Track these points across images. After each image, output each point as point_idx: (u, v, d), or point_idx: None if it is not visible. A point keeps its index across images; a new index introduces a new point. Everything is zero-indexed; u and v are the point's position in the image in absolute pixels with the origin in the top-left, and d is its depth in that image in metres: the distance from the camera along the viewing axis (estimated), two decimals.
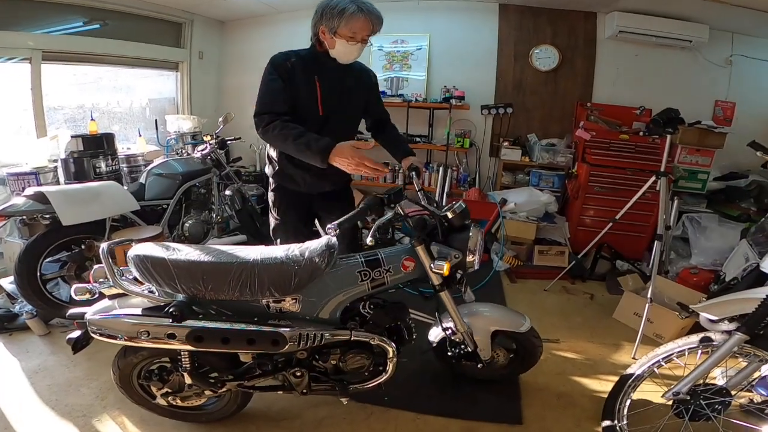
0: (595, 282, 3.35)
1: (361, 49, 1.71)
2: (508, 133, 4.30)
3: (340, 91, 1.80)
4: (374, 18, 1.64)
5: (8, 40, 3.10)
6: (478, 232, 1.63)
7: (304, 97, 1.73)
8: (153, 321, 1.47)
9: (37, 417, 1.83)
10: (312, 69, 1.73)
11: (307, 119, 1.72)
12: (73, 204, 2.67)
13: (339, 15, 1.58)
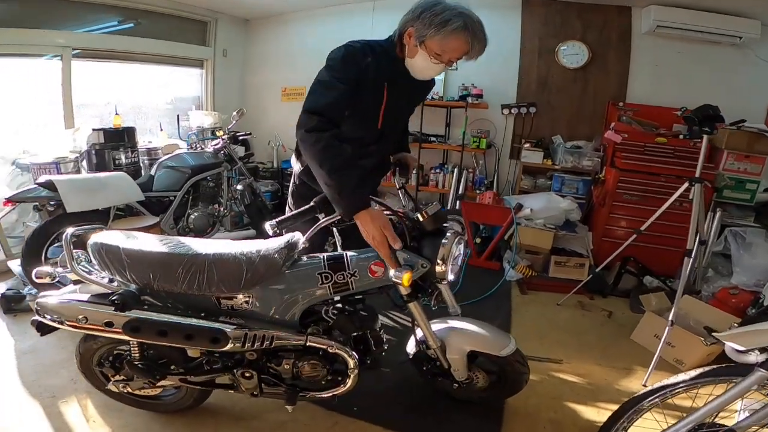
0: (617, 299, 3.03)
1: (442, 70, 1.48)
2: (530, 134, 4.04)
3: (403, 105, 1.63)
4: (477, 43, 1.37)
5: (41, 38, 3.29)
6: (454, 239, 1.42)
7: (367, 106, 1.49)
8: (95, 308, 1.43)
9: (8, 394, 1.87)
10: (385, 74, 1.46)
11: (361, 129, 1.54)
12: (78, 192, 2.76)
13: (439, 25, 1.32)
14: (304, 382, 1.57)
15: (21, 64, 3.48)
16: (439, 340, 1.55)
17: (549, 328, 2.58)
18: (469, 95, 3.78)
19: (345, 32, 4.33)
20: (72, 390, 1.87)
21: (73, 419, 1.72)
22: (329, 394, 1.54)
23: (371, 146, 1.63)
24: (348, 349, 1.51)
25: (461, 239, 1.48)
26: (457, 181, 3.98)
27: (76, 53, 3.69)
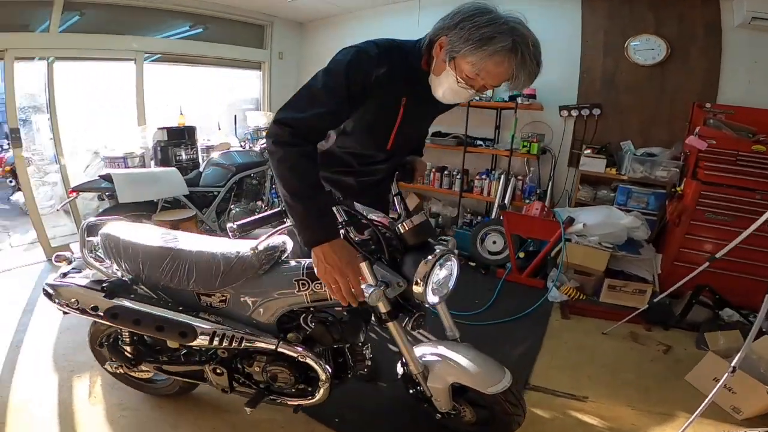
0: (682, 332, 2.53)
1: (470, 97, 1.21)
2: (593, 138, 3.58)
3: (419, 120, 1.39)
4: (524, 72, 1.09)
5: (118, 44, 3.68)
6: (436, 259, 1.23)
7: (375, 124, 1.28)
8: (87, 293, 1.50)
9: (37, 363, 2.07)
10: (403, 89, 1.22)
11: (367, 148, 1.36)
12: (131, 185, 3.01)
13: (478, 42, 1.03)
14: (275, 387, 1.50)
15: (106, 67, 3.95)
16: (423, 365, 1.37)
17: (585, 359, 2.23)
18: (519, 95, 3.46)
19: (393, 31, 4.22)
20: (89, 368, 2.01)
21: (79, 393, 1.85)
22: (295, 403, 1.46)
23: (378, 165, 1.44)
24: (321, 361, 1.42)
25: (448, 259, 1.29)
26: (504, 188, 3.67)
27: (156, 57, 4.09)
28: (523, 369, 2.06)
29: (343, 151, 1.40)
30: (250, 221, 1.32)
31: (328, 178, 1.49)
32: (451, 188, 3.97)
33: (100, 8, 3.51)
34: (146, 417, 1.73)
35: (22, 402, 1.81)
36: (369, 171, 1.46)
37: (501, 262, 3.35)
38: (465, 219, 3.98)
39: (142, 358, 1.59)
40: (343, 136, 1.33)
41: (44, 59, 3.39)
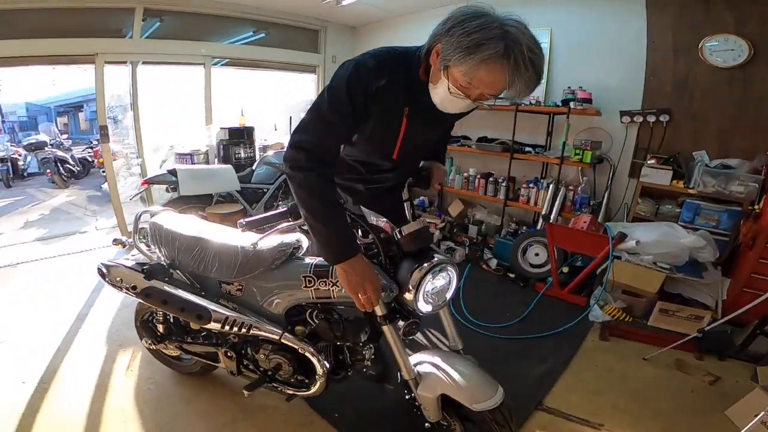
0: (740, 364, 2.22)
1: (468, 107, 1.15)
2: (660, 147, 3.26)
3: (425, 130, 1.32)
4: (520, 79, 0.98)
5: (188, 49, 4.08)
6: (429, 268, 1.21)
7: (380, 134, 1.26)
8: (130, 273, 1.69)
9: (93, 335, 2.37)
10: (405, 96, 1.19)
11: (374, 158, 1.36)
12: (191, 179, 3.33)
13: (468, 49, 0.97)
14: (276, 375, 1.58)
15: (181, 70, 4.39)
16: (416, 372, 1.36)
17: (614, 384, 2.04)
18: (572, 99, 3.24)
19: None
20: (134, 343, 2.24)
21: (119, 365, 2.09)
22: (291, 392, 1.53)
23: (385, 174, 1.43)
24: (320, 356, 1.47)
25: (444, 270, 1.27)
26: (552, 198, 3.46)
27: (225, 62, 4.48)
28: (541, 388, 1.94)
29: (351, 159, 1.41)
30: (257, 219, 1.40)
31: (340, 185, 1.50)
32: (496, 196, 3.83)
33: (176, 15, 3.92)
34: (167, 391, 1.91)
35: (69, 369, 2.09)
36: (378, 179, 1.47)
37: (542, 276, 3.17)
38: (509, 228, 3.82)
39: (169, 336, 1.76)
40: (350, 146, 1.33)
41: (129, 63, 3.86)
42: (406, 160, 1.39)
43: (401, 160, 1.35)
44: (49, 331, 2.41)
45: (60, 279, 3.15)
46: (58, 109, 17.72)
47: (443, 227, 3.86)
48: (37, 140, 8.42)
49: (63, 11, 3.37)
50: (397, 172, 1.43)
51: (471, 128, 4.22)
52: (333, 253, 1.18)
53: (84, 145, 10.08)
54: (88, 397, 1.85)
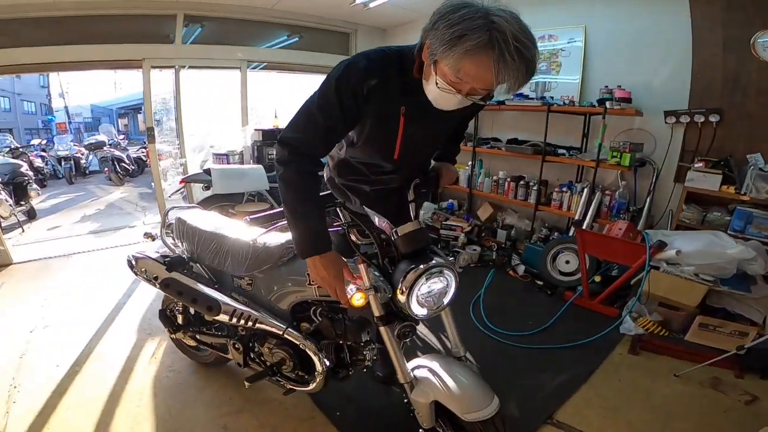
0: None
1: (461, 103, 1.08)
2: (710, 149, 3.00)
3: (426, 129, 1.28)
4: (507, 70, 0.92)
5: (226, 53, 4.27)
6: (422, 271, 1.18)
7: (379, 133, 1.24)
8: (154, 264, 1.79)
9: (125, 324, 2.53)
10: (401, 96, 1.17)
11: (375, 159, 1.34)
12: (224, 179, 3.48)
13: (450, 42, 0.93)
14: (279, 369, 1.60)
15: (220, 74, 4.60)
16: (412, 376, 1.33)
17: (635, 401, 1.88)
18: (609, 99, 3.06)
19: None
20: (162, 333, 2.34)
21: (145, 353, 2.22)
22: (290, 386, 1.55)
23: (388, 175, 1.41)
24: (321, 353, 1.48)
25: (440, 273, 1.23)
26: (586, 203, 3.28)
27: (262, 66, 4.64)
28: (554, 401, 1.84)
29: (355, 161, 1.42)
30: (260, 216, 1.44)
31: (346, 185, 1.52)
32: (527, 200, 3.69)
33: (215, 21, 4.12)
34: (183, 379, 2.01)
35: (101, 353, 2.24)
36: (381, 180, 1.45)
37: (572, 285, 3.01)
38: (540, 234, 3.67)
39: (185, 326, 1.84)
40: (352, 147, 1.34)
41: (173, 67, 4.10)
42: (409, 160, 1.35)
43: (403, 161, 1.32)
44: (88, 318, 2.60)
45: (106, 270, 3.40)
46: (119, 111, 19.18)
47: (470, 231, 3.76)
48: (96, 140, 9.15)
49: (114, 18, 3.64)
50: (400, 172, 1.41)
51: (501, 130, 4.10)
52: (301, 247, 1.21)
53: (139, 145, 10.83)
54: (111, 381, 1.98)
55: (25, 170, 5.44)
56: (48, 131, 16.62)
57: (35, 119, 18.42)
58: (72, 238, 4.51)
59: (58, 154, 8.92)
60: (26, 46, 3.39)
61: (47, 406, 1.81)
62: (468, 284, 3.10)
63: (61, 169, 8.66)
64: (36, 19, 3.38)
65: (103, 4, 3.50)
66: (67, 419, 1.74)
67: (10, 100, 17.04)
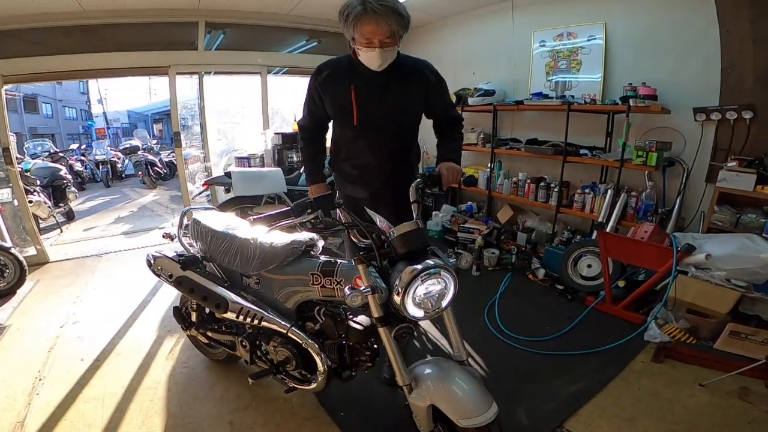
0: None
1: (383, 54, 1.50)
2: (744, 148, 2.83)
3: (379, 98, 1.64)
4: (383, 19, 1.40)
5: (246, 59, 4.39)
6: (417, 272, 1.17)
7: (340, 107, 1.68)
8: (170, 263, 1.86)
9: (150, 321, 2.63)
10: (347, 77, 1.62)
11: (343, 129, 1.78)
12: (244, 181, 3.57)
13: (346, 21, 1.45)
14: (283, 367, 1.62)
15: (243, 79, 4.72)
16: (412, 379, 1.31)
17: (655, 411, 1.77)
18: (633, 96, 2.93)
19: (489, 32, 4.09)
20: (180, 330, 2.40)
21: (164, 350, 2.30)
22: (292, 385, 1.57)
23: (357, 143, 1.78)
24: (322, 353, 1.48)
25: (437, 274, 1.21)
26: (610, 205, 3.15)
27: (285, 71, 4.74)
28: (567, 409, 1.76)
29: (337, 137, 1.86)
30: (264, 216, 1.46)
31: (338, 168, 1.92)
32: (548, 202, 3.59)
33: (236, 28, 4.24)
34: (196, 374, 2.06)
35: (123, 348, 2.34)
36: (354, 153, 1.81)
37: (594, 290, 2.90)
38: (562, 237, 3.55)
39: (197, 324, 1.90)
40: (333, 124, 1.84)
41: (197, 73, 4.24)
42: (369, 126, 1.70)
43: (363, 126, 1.69)
44: (115, 315, 2.72)
45: (134, 269, 3.54)
46: (154, 117, 20.01)
47: (488, 233, 3.69)
48: (131, 145, 9.60)
49: (141, 27, 3.81)
50: (364, 138, 1.74)
51: (520, 130, 4.01)
52: (307, 178, 1.89)
53: (171, 149, 11.27)
54: (129, 376, 2.06)
55: (64, 174, 5.76)
56: (88, 136, 17.57)
57: (76, 125, 19.51)
58: (105, 239, 4.74)
59: (96, 158, 9.42)
60: (59, 53, 3.59)
61: (67, 398, 1.90)
62: (486, 288, 3.04)
63: (99, 173, 9.13)
64: (68, 28, 3.57)
65: (129, 13, 3.67)
66: (84, 412, 1.81)
67: (52, 107, 18.13)
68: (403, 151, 1.85)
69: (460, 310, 2.67)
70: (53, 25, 3.51)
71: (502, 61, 4.05)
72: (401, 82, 1.64)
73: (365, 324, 1.45)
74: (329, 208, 1.57)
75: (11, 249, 3.14)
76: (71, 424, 1.75)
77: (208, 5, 3.81)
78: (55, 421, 1.76)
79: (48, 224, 5.05)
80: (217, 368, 2.09)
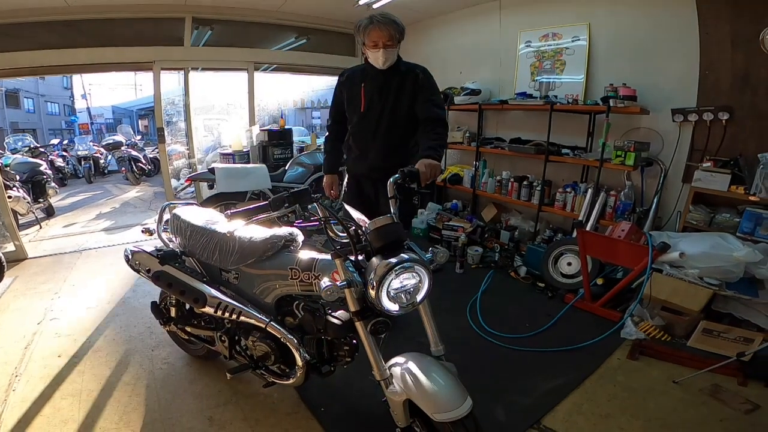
0: None
1: (386, 53, 1.96)
2: (720, 149, 2.91)
3: (381, 93, 2.08)
4: (385, 27, 1.92)
5: (233, 55, 4.36)
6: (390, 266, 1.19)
7: (353, 99, 2.16)
8: (147, 258, 1.84)
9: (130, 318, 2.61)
10: (361, 77, 2.12)
11: (353, 116, 2.19)
12: (227, 177, 3.54)
13: (359, 31, 1.99)
14: (261, 362, 1.62)
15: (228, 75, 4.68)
16: (388, 373, 1.32)
17: (630, 408, 1.82)
18: (613, 97, 2.99)
19: (477, 32, 4.13)
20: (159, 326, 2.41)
21: (143, 346, 2.29)
22: (271, 380, 1.57)
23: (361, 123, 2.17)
24: (301, 348, 1.49)
25: (410, 269, 1.23)
26: (589, 204, 3.22)
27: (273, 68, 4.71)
28: (543, 405, 1.79)
29: (349, 124, 2.25)
30: (241, 210, 1.46)
31: (347, 146, 2.31)
32: (530, 200, 3.64)
33: (224, 24, 4.20)
34: (176, 371, 2.05)
35: (101, 345, 2.31)
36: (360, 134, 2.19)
37: (574, 287, 2.95)
38: (544, 235, 3.61)
39: (176, 319, 1.88)
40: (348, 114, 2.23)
41: (182, 70, 4.19)
42: (372, 113, 2.12)
43: (367, 112, 2.13)
44: (93, 311, 2.68)
45: (113, 266, 3.49)
46: (139, 113, 19.68)
47: (472, 231, 3.73)
48: (114, 140, 9.43)
49: (125, 22, 3.75)
50: (366, 121, 2.14)
51: (505, 130, 4.06)
52: (324, 169, 2.41)
53: (156, 145, 11.10)
54: (107, 372, 2.04)
55: (44, 169, 5.64)
56: (71, 132, 17.20)
57: (59, 120, 19.08)
58: (85, 235, 4.65)
59: (78, 153, 9.22)
60: (43, 48, 3.51)
61: (43, 395, 1.87)
62: (468, 285, 3.07)
63: (81, 169, 8.95)
64: (51, 23, 3.50)
65: (113, 8, 3.61)
66: (61, 408, 1.79)
67: (34, 101, 17.71)
68: (400, 139, 2.16)
69: (442, 306, 2.73)
70: (37, 20, 3.44)
71: (488, 61, 4.09)
72: (399, 80, 2.07)
73: (343, 319, 1.46)
74: (306, 203, 1.58)
75: None
76: (47, 420, 1.72)
77: (196, 0, 3.77)
78: (32, 417, 1.73)
79: (27, 220, 4.94)
80: (197, 364, 2.08)
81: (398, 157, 2.10)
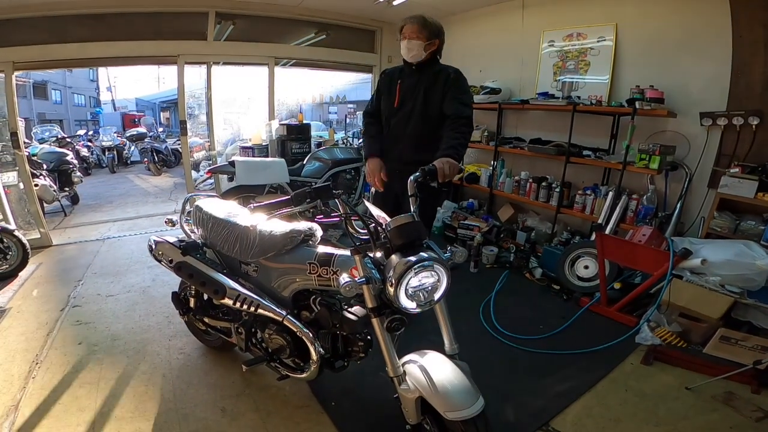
0: None
1: (409, 44, 2.12)
2: (748, 154, 2.82)
3: (414, 89, 2.20)
4: (412, 22, 2.13)
5: (254, 50, 4.40)
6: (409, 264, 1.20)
7: (389, 94, 2.30)
8: (170, 248, 1.88)
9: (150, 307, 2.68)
10: (398, 75, 2.27)
11: (388, 109, 2.31)
12: (247, 170, 3.59)
13: (400, 28, 2.20)
14: (276, 355, 1.65)
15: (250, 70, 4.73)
16: (401, 370, 1.33)
17: (640, 413, 1.79)
18: (639, 99, 2.92)
19: (499, 30, 4.09)
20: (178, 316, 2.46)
21: (160, 336, 2.34)
22: (285, 373, 1.60)
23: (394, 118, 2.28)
24: (316, 342, 1.51)
25: (430, 267, 1.23)
26: (610, 207, 3.16)
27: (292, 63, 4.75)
28: (553, 408, 1.78)
29: (384, 118, 2.34)
30: (264, 204, 1.49)
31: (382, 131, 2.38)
32: (549, 202, 3.59)
33: (246, 19, 4.24)
34: (191, 361, 2.10)
35: (120, 334, 2.37)
36: (394, 126, 2.28)
37: (590, 291, 2.91)
38: (562, 237, 3.56)
39: (195, 310, 1.93)
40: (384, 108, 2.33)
41: (205, 64, 4.26)
42: (404, 108, 2.23)
43: (400, 107, 2.24)
44: (114, 299, 2.76)
45: (135, 255, 3.59)
46: (161, 105, 20.06)
47: (488, 231, 3.70)
48: (137, 132, 9.64)
49: (151, 16, 3.82)
50: (399, 114, 2.25)
51: (525, 130, 4.01)
52: (365, 152, 2.34)
53: (177, 137, 11.32)
54: (125, 361, 2.10)
55: (70, 159, 5.82)
56: (96, 123, 17.67)
57: (84, 111, 19.60)
58: (108, 224, 4.79)
59: (102, 144, 9.47)
60: (70, 41, 3.61)
61: (62, 382, 1.93)
62: (482, 285, 3.06)
63: (105, 159, 9.19)
64: (80, 17, 3.60)
65: (140, 2, 3.68)
66: (79, 396, 1.84)
67: (61, 93, 18.23)
68: (431, 136, 2.17)
69: (456, 305, 2.71)
70: (64, 14, 3.53)
71: (509, 60, 4.04)
72: (432, 78, 2.17)
73: (360, 315, 1.48)
74: (328, 199, 1.59)
75: (15, 231, 3.18)
76: (65, 407, 1.77)
77: None
78: (50, 405, 1.78)
79: (52, 208, 5.11)
80: (213, 355, 2.13)
81: (428, 153, 2.04)
